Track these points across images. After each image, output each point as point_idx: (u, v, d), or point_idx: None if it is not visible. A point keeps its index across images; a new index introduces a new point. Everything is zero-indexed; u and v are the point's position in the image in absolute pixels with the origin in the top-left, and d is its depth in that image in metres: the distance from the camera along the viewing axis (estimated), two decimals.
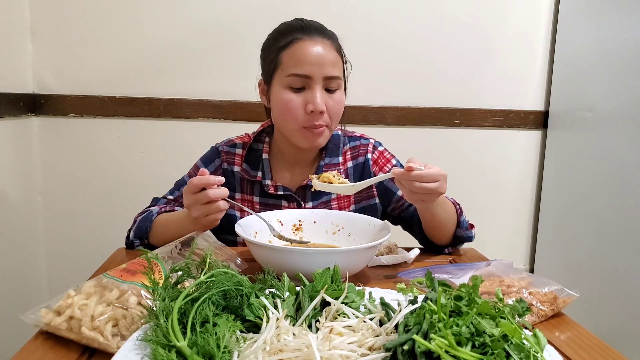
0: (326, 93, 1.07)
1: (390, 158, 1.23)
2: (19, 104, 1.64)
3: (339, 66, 1.09)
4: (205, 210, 0.91)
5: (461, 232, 1.08)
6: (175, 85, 1.79)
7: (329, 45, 1.08)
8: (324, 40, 1.08)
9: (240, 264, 0.86)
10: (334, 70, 1.07)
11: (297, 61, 1.05)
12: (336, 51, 1.09)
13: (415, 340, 0.50)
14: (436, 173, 0.89)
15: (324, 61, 1.05)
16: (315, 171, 1.17)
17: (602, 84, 1.67)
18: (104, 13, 1.73)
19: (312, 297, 0.65)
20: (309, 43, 1.06)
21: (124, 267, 0.73)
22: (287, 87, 1.07)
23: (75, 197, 1.81)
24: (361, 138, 1.24)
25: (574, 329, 0.73)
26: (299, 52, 1.06)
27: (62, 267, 1.83)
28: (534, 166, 2.05)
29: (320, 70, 1.05)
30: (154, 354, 0.53)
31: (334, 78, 1.07)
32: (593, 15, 1.72)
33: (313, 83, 1.06)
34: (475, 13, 1.90)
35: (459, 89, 1.93)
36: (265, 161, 1.17)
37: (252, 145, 1.20)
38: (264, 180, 1.15)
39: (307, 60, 1.05)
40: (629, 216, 1.54)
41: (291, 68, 1.06)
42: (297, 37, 1.07)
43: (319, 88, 1.06)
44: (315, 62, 1.05)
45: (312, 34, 1.08)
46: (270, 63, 1.10)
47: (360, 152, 1.22)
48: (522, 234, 2.09)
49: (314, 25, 1.11)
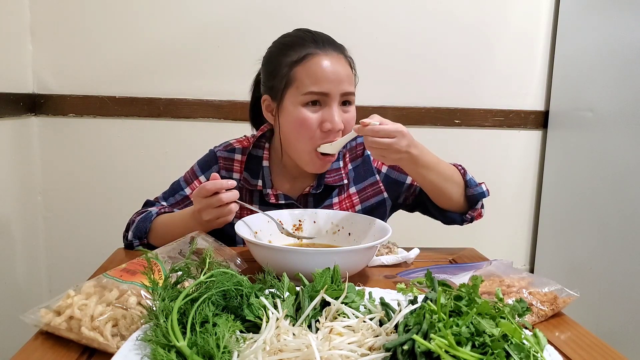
0: (342, 109, 1.05)
1: None
2: (19, 104, 1.64)
3: (352, 81, 1.07)
4: (217, 214, 0.92)
5: (471, 191, 1.10)
6: (175, 85, 1.79)
7: (343, 60, 1.05)
8: (338, 54, 1.04)
9: (240, 264, 0.86)
10: (350, 86, 1.05)
11: (315, 78, 1.01)
12: (349, 65, 1.06)
13: (415, 340, 0.50)
14: (391, 129, 0.92)
15: (341, 78, 1.02)
16: (317, 179, 1.14)
17: (602, 84, 1.67)
18: (104, 13, 1.73)
19: (312, 297, 0.65)
20: (325, 58, 1.02)
21: (124, 267, 0.73)
22: (303, 104, 1.02)
23: (75, 197, 1.81)
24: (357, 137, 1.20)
25: (574, 329, 0.73)
26: (316, 68, 1.01)
27: (62, 267, 1.83)
28: (534, 166, 2.05)
29: (337, 88, 1.02)
30: (153, 354, 0.53)
31: (350, 94, 1.05)
32: (593, 15, 1.72)
33: (330, 100, 1.02)
34: (475, 13, 1.90)
35: (459, 89, 1.93)
36: (265, 169, 1.14)
37: (251, 152, 1.16)
38: (264, 189, 1.13)
39: (325, 77, 1.01)
40: (629, 216, 1.54)
41: (308, 86, 1.01)
42: (311, 52, 1.02)
43: (336, 105, 1.03)
44: (333, 79, 1.01)
45: (326, 48, 1.03)
46: (281, 79, 1.04)
47: (357, 152, 1.20)
48: (522, 234, 2.09)
49: (324, 37, 1.06)
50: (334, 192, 1.16)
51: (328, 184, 1.14)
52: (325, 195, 1.15)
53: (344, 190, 1.16)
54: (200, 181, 1.16)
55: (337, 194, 1.16)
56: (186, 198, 1.16)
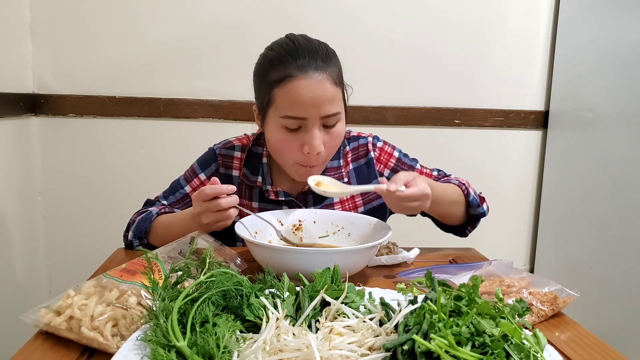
0: (324, 129, 1.01)
1: (392, 151, 1.21)
2: (19, 104, 1.64)
3: (337, 99, 1.01)
4: (216, 218, 0.93)
5: (473, 211, 1.12)
6: (175, 85, 1.79)
7: (326, 79, 0.98)
8: (320, 74, 0.97)
9: (240, 264, 0.86)
10: (332, 108, 0.99)
11: (292, 103, 0.97)
12: (334, 83, 0.99)
13: (415, 340, 0.50)
14: (417, 193, 0.90)
15: (320, 101, 0.97)
16: None
17: (602, 84, 1.67)
18: (104, 13, 1.73)
19: (312, 297, 0.65)
20: (304, 83, 0.96)
21: (124, 267, 0.73)
22: (282, 126, 1.00)
23: (75, 197, 1.81)
24: (359, 137, 1.21)
25: (574, 329, 0.73)
26: (294, 94, 0.97)
27: (62, 267, 1.83)
28: (534, 166, 2.05)
29: (317, 112, 0.98)
30: (153, 354, 0.53)
31: (331, 115, 1.00)
32: (593, 15, 1.72)
33: (310, 124, 0.99)
34: (476, 13, 1.90)
35: (459, 89, 1.93)
36: (264, 165, 1.14)
37: (251, 149, 1.17)
38: (264, 185, 1.13)
39: (302, 102, 0.97)
40: (629, 216, 1.54)
41: (285, 110, 0.98)
42: (290, 74, 0.97)
43: (316, 128, 0.99)
44: (311, 104, 0.97)
45: (306, 69, 0.97)
46: (263, 97, 1.03)
47: (360, 153, 1.19)
48: (522, 234, 2.09)
49: (309, 54, 0.99)
50: None
51: None
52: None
53: None
54: (200, 179, 1.17)
55: None
56: (186, 196, 1.16)
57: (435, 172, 1.26)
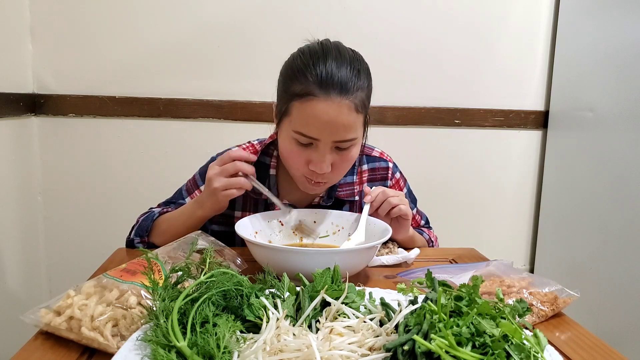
0: (335, 151, 0.97)
1: (403, 186, 1.22)
2: (19, 104, 1.64)
3: (355, 127, 0.95)
4: (227, 183, 0.94)
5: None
6: (175, 85, 1.79)
7: (347, 106, 0.91)
8: (342, 100, 0.91)
9: (240, 264, 0.86)
10: (348, 134, 0.94)
11: (307, 122, 0.92)
12: (355, 110, 0.93)
13: (416, 340, 0.50)
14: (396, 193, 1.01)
15: (336, 127, 0.92)
16: (328, 191, 1.11)
17: (602, 84, 1.67)
18: (104, 13, 1.73)
19: (312, 297, 0.65)
20: (323, 105, 0.90)
21: (124, 267, 0.73)
22: (293, 139, 0.96)
23: (75, 197, 1.81)
24: (381, 159, 1.19)
25: (574, 329, 0.73)
26: (310, 112, 0.91)
27: (62, 267, 1.83)
28: (534, 166, 2.05)
29: (330, 136, 0.93)
30: (154, 354, 0.53)
31: (346, 141, 0.95)
32: (593, 15, 1.72)
33: (321, 145, 0.94)
34: (476, 13, 1.90)
35: (459, 89, 1.93)
36: (272, 177, 1.10)
37: (259, 159, 1.09)
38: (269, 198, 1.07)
39: (317, 123, 0.92)
40: (629, 216, 1.54)
41: (299, 126, 0.94)
42: (312, 92, 0.91)
43: (327, 150, 0.95)
44: (325, 128, 0.92)
45: (329, 91, 0.90)
46: (281, 105, 0.99)
47: (378, 176, 1.18)
48: (522, 234, 2.09)
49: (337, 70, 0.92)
50: (345, 207, 1.14)
51: (339, 197, 1.12)
52: (335, 209, 1.11)
53: (356, 210, 1.13)
54: (201, 190, 1.10)
55: (348, 210, 1.13)
56: None
57: (423, 221, 1.28)
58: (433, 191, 1.95)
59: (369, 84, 0.98)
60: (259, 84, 1.80)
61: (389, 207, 1.01)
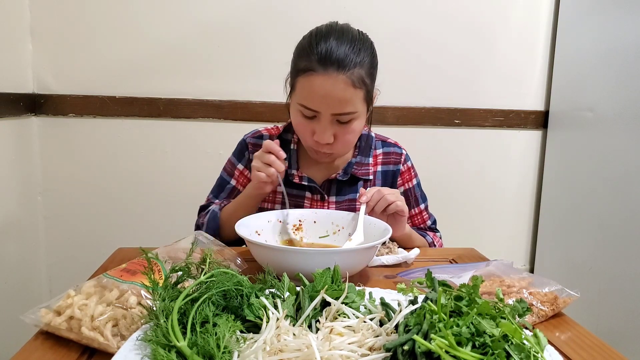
0: (337, 124, 1.05)
1: (414, 177, 1.27)
2: (19, 104, 1.64)
3: (354, 100, 1.03)
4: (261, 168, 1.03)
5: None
6: (175, 85, 1.79)
7: (343, 81, 0.99)
8: (338, 75, 0.99)
9: (240, 264, 0.86)
10: (345, 107, 1.02)
11: (307, 95, 1.03)
12: (352, 85, 1.01)
13: (416, 340, 0.50)
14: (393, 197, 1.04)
15: (332, 100, 1.01)
16: (345, 168, 1.19)
17: (602, 84, 1.67)
18: (104, 13, 1.73)
19: (312, 297, 0.65)
20: (321, 79, 1.00)
21: (124, 267, 0.73)
22: (299, 111, 1.06)
23: (75, 197, 1.81)
24: (395, 146, 1.26)
25: (574, 329, 0.73)
26: (309, 87, 1.02)
27: (62, 267, 1.83)
28: (534, 166, 2.05)
29: (328, 108, 1.02)
30: (154, 354, 0.53)
31: (344, 114, 1.03)
32: (593, 15, 1.72)
33: (322, 117, 1.04)
34: (476, 13, 1.90)
35: (459, 89, 1.93)
36: (293, 151, 1.19)
37: (282, 136, 1.21)
38: (289, 169, 1.17)
39: (315, 97, 1.02)
40: (629, 216, 1.54)
41: (301, 99, 1.04)
42: (312, 67, 1.00)
43: (327, 122, 1.04)
44: (322, 101, 1.01)
45: (328, 67, 0.99)
46: (291, 81, 1.10)
47: (392, 160, 1.24)
48: (522, 234, 2.09)
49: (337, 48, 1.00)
50: (359, 185, 1.20)
51: (354, 174, 1.19)
52: (350, 185, 1.19)
53: (369, 186, 1.20)
54: (239, 169, 1.24)
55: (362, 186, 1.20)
56: (234, 188, 1.23)
57: (430, 221, 1.31)
58: (433, 191, 1.93)
59: (371, 63, 1.09)
60: (259, 84, 1.80)
61: (385, 204, 1.03)
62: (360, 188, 1.14)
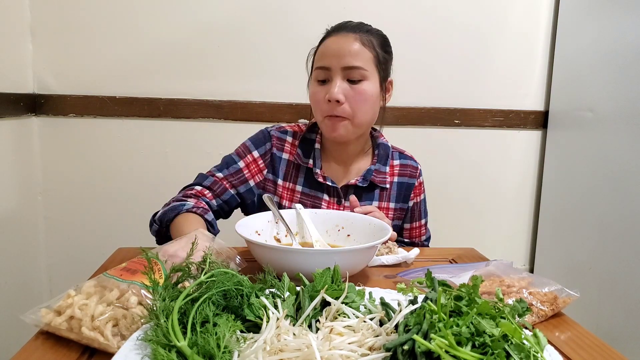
0: (347, 83, 1.10)
1: (422, 192, 1.31)
2: (19, 104, 1.64)
3: (361, 57, 1.10)
4: None
5: None
6: (175, 85, 1.79)
7: (353, 38, 1.10)
8: (349, 34, 1.11)
9: (240, 262, 0.86)
10: (354, 61, 1.09)
11: (321, 55, 1.13)
12: (362, 43, 1.10)
13: (416, 340, 0.50)
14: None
15: (342, 52, 1.09)
16: (364, 174, 1.20)
17: (602, 84, 1.67)
18: (104, 13, 1.73)
19: (312, 297, 0.65)
20: (334, 38, 1.12)
21: (124, 267, 0.73)
22: (315, 80, 1.14)
23: (76, 197, 1.81)
24: (412, 159, 1.29)
25: (574, 329, 0.73)
26: (323, 48, 1.13)
27: (62, 267, 1.83)
28: (534, 166, 2.05)
29: (338, 62, 1.09)
30: (154, 354, 0.53)
31: (353, 68, 1.09)
32: (593, 15, 1.72)
33: (333, 74, 1.10)
34: (475, 13, 1.90)
35: (458, 89, 1.94)
36: (317, 150, 1.21)
37: (305, 135, 1.24)
38: (314, 167, 1.19)
39: (327, 53, 1.11)
40: (629, 216, 1.54)
41: (317, 62, 1.14)
42: (328, 34, 1.14)
43: (338, 79, 1.10)
44: (333, 55, 1.09)
45: (340, 31, 1.13)
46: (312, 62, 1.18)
47: (408, 172, 1.27)
48: (522, 234, 2.09)
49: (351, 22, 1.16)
50: (376, 192, 1.22)
51: (373, 182, 1.20)
52: (368, 192, 1.21)
53: (385, 197, 1.23)
54: (254, 156, 1.22)
55: (378, 197, 1.22)
56: (239, 171, 1.21)
57: (424, 237, 1.33)
58: (433, 191, 1.94)
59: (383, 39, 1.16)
60: (259, 84, 1.80)
61: None
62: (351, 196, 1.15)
